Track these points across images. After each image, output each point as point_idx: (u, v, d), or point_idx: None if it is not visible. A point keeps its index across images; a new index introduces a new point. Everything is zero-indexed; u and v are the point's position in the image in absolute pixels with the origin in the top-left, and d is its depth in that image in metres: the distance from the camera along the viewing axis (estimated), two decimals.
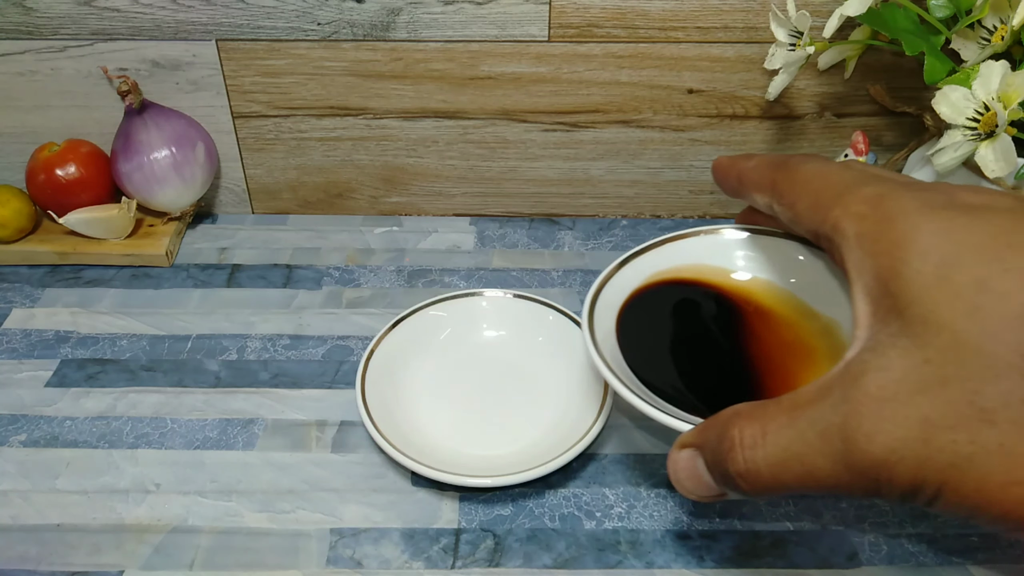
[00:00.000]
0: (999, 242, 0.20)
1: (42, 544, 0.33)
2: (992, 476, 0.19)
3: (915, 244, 0.21)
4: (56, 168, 0.48)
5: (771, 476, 0.22)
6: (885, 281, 0.22)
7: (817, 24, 0.45)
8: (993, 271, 0.20)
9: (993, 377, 0.19)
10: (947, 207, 0.22)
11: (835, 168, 0.26)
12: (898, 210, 0.22)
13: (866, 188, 0.24)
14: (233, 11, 0.46)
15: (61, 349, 0.43)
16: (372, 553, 0.33)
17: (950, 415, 0.19)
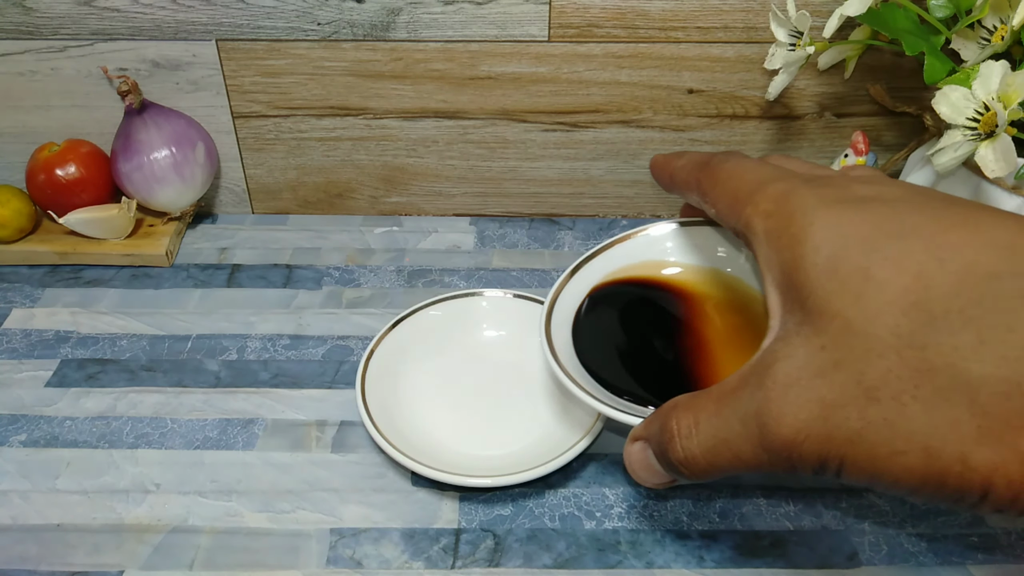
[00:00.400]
0: (880, 232, 0.22)
1: (42, 544, 0.33)
2: (880, 448, 0.20)
3: (810, 239, 0.23)
4: (56, 168, 0.48)
5: (706, 462, 0.24)
6: (789, 274, 0.23)
7: (817, 24, 0.45)
8: (874, 260, 0.21)
9: (876, 358, 0.20)
10: (840, 201, 0.23)
11: (750, 166, 0.28)
12: (797, 207, 0.24)
13: (773, 186, 0.26)
14: (233, 11, 0.46)
15: (61, 349, 0.43)
16: (372, 553, 0.33)
17: (842, 395, 0.21)
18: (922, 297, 0.20)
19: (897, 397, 0.20)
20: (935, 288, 0.20)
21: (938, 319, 0.20)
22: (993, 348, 0.19)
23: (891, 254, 0.21)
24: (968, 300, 0.20)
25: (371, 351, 0.40)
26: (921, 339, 0.20)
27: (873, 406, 0.20)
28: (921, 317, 0.20)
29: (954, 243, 0.21)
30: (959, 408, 0.19)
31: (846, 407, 0.21)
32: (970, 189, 0.39)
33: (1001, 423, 0.19)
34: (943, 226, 0.21)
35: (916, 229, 0.21)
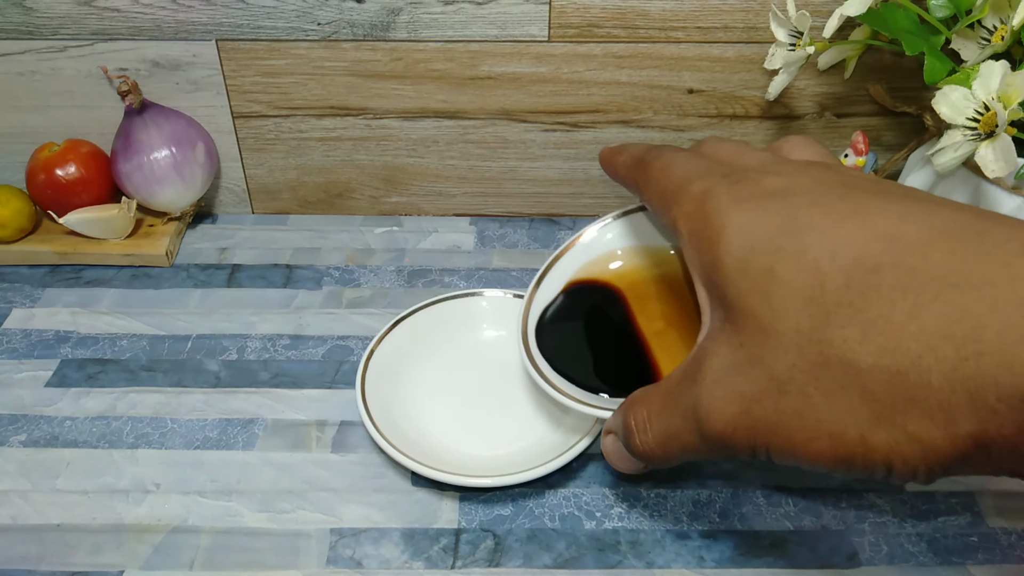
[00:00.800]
0: (782, 230, 0.23)
1: (42, 544, 0.33)
2: (795, 436, 0.22)
3: (723, 241, 0.24)
4: (56, 168, 0.48)
5: (662, 452, 0.27)
6: (709, 275, 0.25)
7: (817, 24, 0.45)
8: (777, 259, 0.22)
9: (782, 354, 0.22)
10: (750, 199, 0.24)
11: (678, 163, 0.29)
12: (712, 209, 0.25)
13: (694, 186, 0.26)
14: (233, 11, 0.46)
15: (61, 349, 0.43)
16: (372, 553, 0.33)
17: (758, 390, 0.23)
18: (817, 293, 0.21)
19: (802, 390, 0.22)
20: (828, 283, 0.21)
21: (831, 313, 0.21)
22: (875, 340, 0.20)
23: (791, 251, 0.22)
24: (855, 294, 0.21)
25: (371, 351, 0.40)
26: (818, 334, 0.21)
27: (784, 399, 0.22)
28: (817, 312, 0.21)
29: (844, 237, 0.22)
30: (853, 397, 0.21)
31: (762, 401, 0.23)
32: (970, 189, 0.39)
33: (889, 408, 0.20)
34: (835, 219, 0.22)
35: (812, 224, 0.22)
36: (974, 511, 0.35)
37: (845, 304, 0.21)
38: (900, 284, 0.20)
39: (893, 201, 0.22)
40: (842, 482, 0.36)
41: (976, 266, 0.19)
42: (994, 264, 0.19)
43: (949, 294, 0.19)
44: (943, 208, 0.22)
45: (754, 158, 0.28)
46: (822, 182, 0.24)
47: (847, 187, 0.23)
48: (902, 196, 0.23)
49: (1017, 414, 0.18)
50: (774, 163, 0.27)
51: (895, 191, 0.23)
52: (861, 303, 0.21)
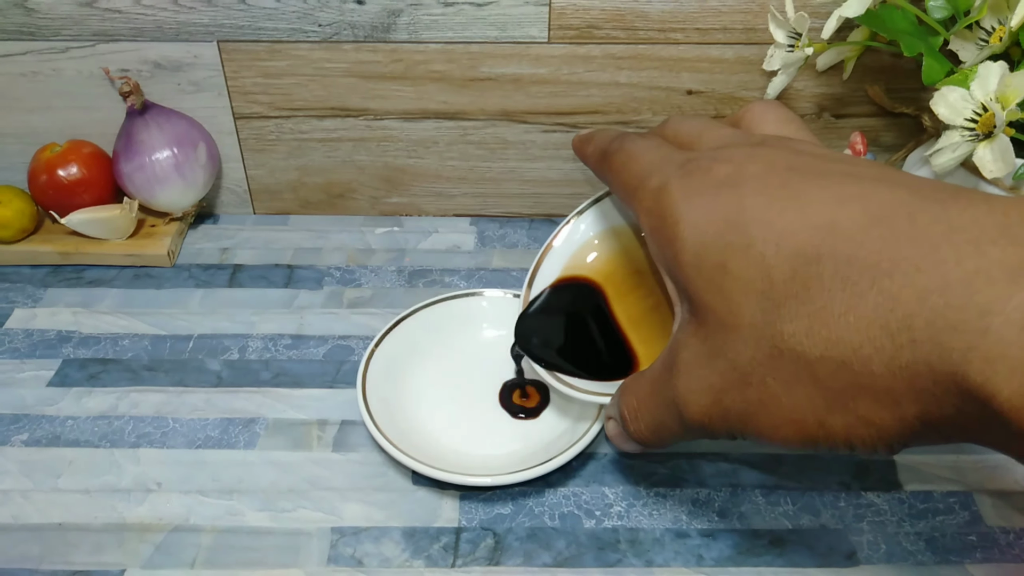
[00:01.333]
0: (731, 224, 0.23)
1: (44, 543, 0.34)
2: (763, 423, 0.23)
3: (679, 238, 0.24)
4: (58, 168, 0.48)
5: (655, 438, 0.28)
6: (671, 270, 0.25)
7: (815, 25, 0.45)
8: (727, 255, 0.23)
9: (741, 347, 0.23)
10: (701, 192, 0.24)
11: (637, 154, 0.29)
12: (668, 206, 0.25)
13: (651, 181, 0.27)
14: (234, 12, 0.46)
15: (63, 349, 0.43)
16: (373, 552, 0.33)
17: (725, 382, 0.23)
18: (767, 286, 0.22)
19: (763, 381, 0.22)
20: (775, 276, 0.22)
21: (780, 306, 0.21)
22: (820, 332, 0.21)
23: (739, 246, 0.23)
24: (800, 285, 0.21)
25: (372, 351, 0.40)
26: (770, 328, 0.22)
27: (749, 389, 0.23)
28: (769, 306, 0.22)
29: (785, 228, 0.22)
30: (808, 386, 0.21)
31: (730, 392, 0.23)
32: None
33: (841, 395, 0.21)
34: (777, 210, 0.22)
35: (757, 217, 0.23)
36: (972, 510, 0.35)
37: (792, 296, 0.21)
38: (839, 274, 0.20)
39: (833, 183, 0.22)
40: (840, 481, 0.36)
41: (906, 252, 0.19)
42: (922, 249, 0.19)
43: (883, 283, 0.19)
44: (880, 188, 0.22)
45: (712, 138, 0.28)
46: (769, 167, 0.24)
47: (791, 171, 0.23)
48: (844, 176, 0.23)
49: (954, 397, 0.18)
50: (729, 146, 0.27)
51: (838, 170, 0.23)
52: (805, 295, 0.21)
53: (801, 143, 0.26)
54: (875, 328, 0.19)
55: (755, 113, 0.29)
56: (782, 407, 0.22)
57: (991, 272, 0.18)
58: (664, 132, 0.31)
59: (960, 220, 0.19)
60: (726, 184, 0.24)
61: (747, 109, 0.30)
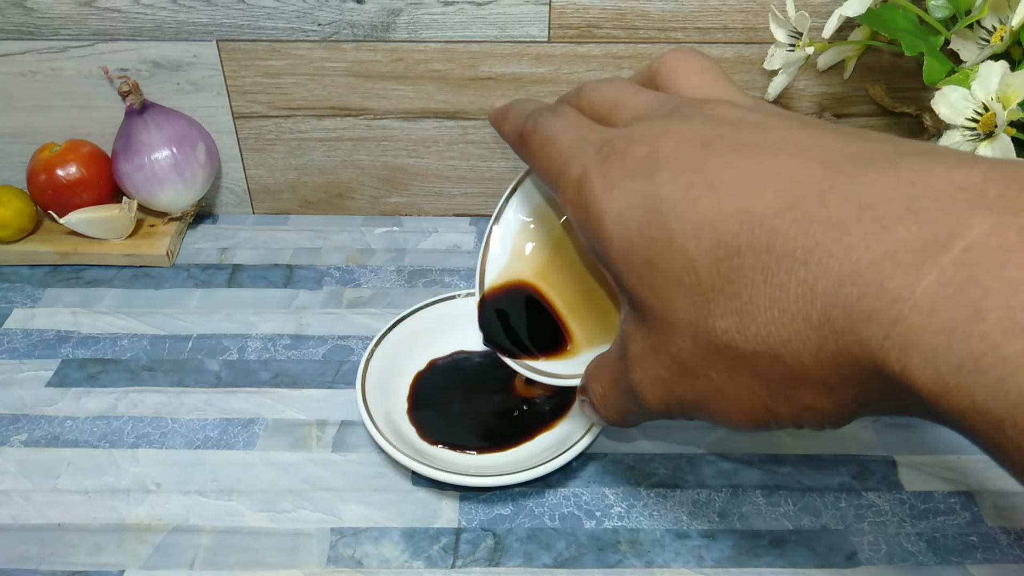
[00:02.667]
0: (651, 215, 0.22)
1: (43, 544, 0.33)
2: (716, 410, 0.23)
3: (604, 234, 0.24)
4: (57, 168, 0.48)
5: (624, 422, 0.28)
6: (603, 264, 0.25)
7: (816, 25, 0.45)
8: (652, 249, 0.22)
9: (681, 341, 0.22)
10: (620, 180, 0.24)
11: (552, 138, 0.27)
12: (590, 199, 0.24)
13: (571, 170, 0.26)
14: (234, 12, 0.46)
15: (62, 349, 0.43)
16: (372, 552, 0.33)
17: (674, 373, 0.23)
18: (694, 280, 0.21)
19: (706, 373, 0.22)
20: (700, 269, 0.21)
21: (710, 301, 0.21)
22: (749, 327, 0.20)
23: (662, 241, 0.22)
24: (725, 279, 0.21)
25: (371, 351, 0.40)
26: (704, 324, 0.22)
27: (696, 381, 0.23)
28: (699, 300, 0.21)
29: (704, 218, 0.21)
30: (748, 377, 0.21)
31: (680, 383, 0.23)
32: None
33: (781, 386, 0.21)
34: (693, 197, 0.22)
35: (675, 207, 0.22)
36: (973, 511, 0.35)
37: (718, 291, 0.21)
38: (760, 265, 0.20)
39: (748, 159, 0.21)
40: (841, 481, 0.36)
41: (819, 237, 0.19)
42: (833, 233, 0.19)
43: (799, 273, 0.19)
44: (793, 163, 0.21)
45: (628, 108, 0.26)
46: (683, 145, 0.23)
47: (706, 147, 0.22)
48: (757, 150, 0.22)
49: (880, 382, 0.18)
50: (643, 119, 0.25)
51: (753, 141, 0.22)
52: (731, 289, 0.21)
53: (717, 105, 0.25)
54: (799, 321, 0.19)
55: (669, 66, 0.28)
56: (727, 397, 0.22)
57: (898, 255, 0.17)
58: (580, 103, 0.29)
59: (868, 195, 0.18)
60: (642, 171, 0.23)
61: (662, 61, 0.28)
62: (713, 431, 0.39)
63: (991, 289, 0.16)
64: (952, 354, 0.16)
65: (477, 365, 0.41)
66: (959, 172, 0.18)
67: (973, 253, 0.16)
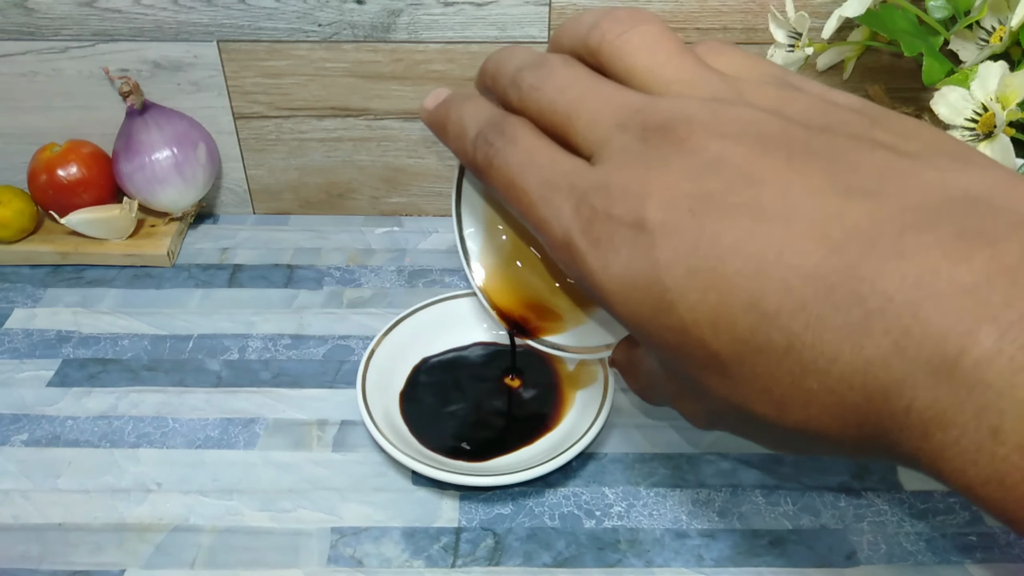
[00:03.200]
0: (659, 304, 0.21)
1: (44, 543, 0.34)
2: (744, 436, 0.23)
3: (613, 310, 0.22)
4: (58, 168, 0.48)
5: (650, 401, 0.28)
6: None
7: (816, 25, 0.45)
8: (669, 338, 0.21)
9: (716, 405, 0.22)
10: (615, 255, 0.21)
11: (518, 180, 0.24)
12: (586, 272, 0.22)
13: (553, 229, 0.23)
14: (234, 12, 0.46)
15: (63, 349, 0.43)
16: (373, 552, 0.33)
17: (708, 417, 0.24)
18: (720, 366, 0.21)
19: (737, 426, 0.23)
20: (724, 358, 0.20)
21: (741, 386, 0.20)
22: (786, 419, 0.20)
23: (676, 327, 0.20)
24: (751, 372, 0.20)
25: (372, 351, 0.40)
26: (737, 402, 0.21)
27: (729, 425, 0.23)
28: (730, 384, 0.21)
29: (715, 312, 0.19)
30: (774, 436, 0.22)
31: (716, 422, 0.24)
32: None
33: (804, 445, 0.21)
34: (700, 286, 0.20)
35: (683, 296, 0.20)
36: (973, 510, 0.35)
37: (748, 381, 0.20)
38: (785, 368, 0.19)
39: (744, 236, 0.19)
40: (841, 481, 0.36)
41: (837, 347, 0.18)
42: (849, 344, 0.17)
43: (827, 381, 0.18)
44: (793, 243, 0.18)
45: (586, 126, 0.23)
46: (672, 209, 0.20)
47: (696, 215, 0.20)
48: (752, 219, 0.19)
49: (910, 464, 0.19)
50: (613, 152, 0.22)
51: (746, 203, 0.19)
52: (762, 383, 0.20)
53: (692, 133, 0.21)
54: (836, 421, 0.19)
55: (611, 44, 0.23)
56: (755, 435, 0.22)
57: (916, 375, 0.17)
58: (525, 108, 0.24)
59: (875, 300, 0.17)
60: (636, 247, 0.21)
61: (600, 36, 0.24)
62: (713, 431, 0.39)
63: (1006, 411, 0.16)
64: (980, 470, 0.16)
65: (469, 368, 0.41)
66: (963, 270, 0.17)
67: (983, 371, 0.16)
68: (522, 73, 0.25)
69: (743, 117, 0.21)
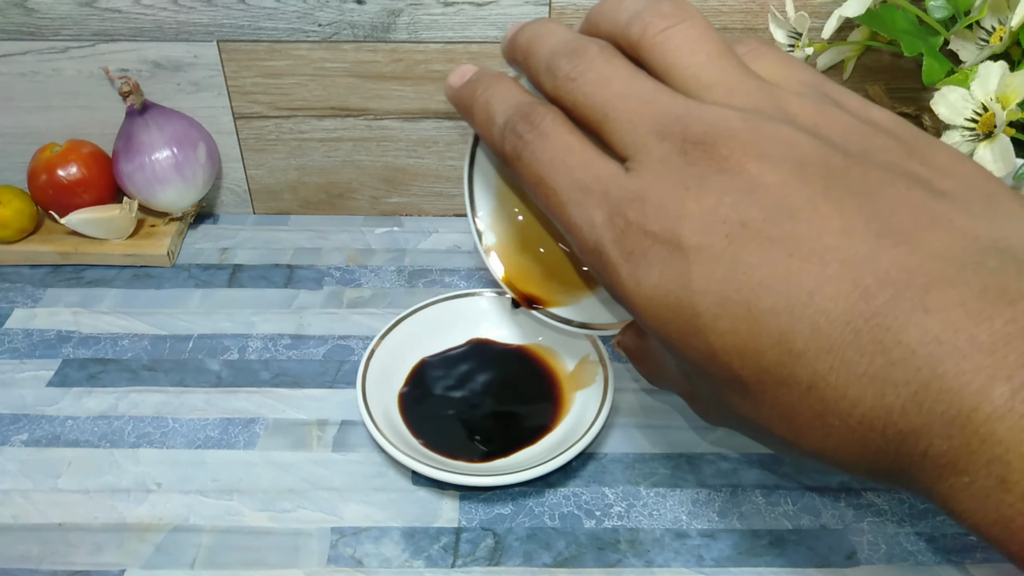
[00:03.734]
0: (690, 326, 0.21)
1: (44, 543, 0.34)
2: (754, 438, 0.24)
3: (642, 322, 0.23)
4: (58, 168, 0.48)
5: (655, 384, 0.29)
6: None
7: (816, 25, 0.45)
8: (696, 357, 0.22)
9: (733, 417, 0.23)
10: (647, 272, 0.22)
11: (548, 178, 0.23)
12: (616, 282, 0.23)
13: (585, 235, 0.23)
14: (234, 12, 0.46)
15: (63, 349, 0.43)
16: (373, 552, 0.33)
17: (725, 419, 0.24)
18: (743, 389, 0.21)
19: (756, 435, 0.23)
20: (748, 384, 0.21)
21: (762, 409, 0.21)
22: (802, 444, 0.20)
23: (704, 351, 0.21)
24: (773, 401, 0.20)
25: (372, 351, 0.40)
26: (757, 420, 0.21)
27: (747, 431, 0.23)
28: (751, 404, 0.21)
29: (743, 343, 0.20)
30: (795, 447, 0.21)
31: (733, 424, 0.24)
32: None
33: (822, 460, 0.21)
34: (731, 317, 0.20)
35: (713, 324, 0.20)
36: None
37: (769, 406, 0.20)
38: (807, 403, 0.20)
39: (779, 272, 0.19)
40: (841, 481, 0.36)
41: (860, 391, 0.18)
42: (872, 390, 0.18)
43: (849, 421, 0.19)
44: (825, 283, 0.19)
45: (623, 125, 0.22)
46: (708, 234, 0.20)
47: (733, 243, 0.20)
48: (787, 254, 0.19)
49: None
50: (650, 161, 0.21)
51: (782, 236, 0.19)
52: (782, 412, 0.20)
53: (733, 151, 0.20)
54: (853, 457, 0.20)
55: (653, 40, 0.23)
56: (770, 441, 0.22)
57: (933, 426, 0.18)
58: (560, 98, 0.24)
59: (897, 351, 0.18)
60: (669, 268, 0.21)
61: (642, 31, 0.23)
62: (712, 431, 0.39)
63: (1012, 464, 0.17)
64: (987, 514, 0.17)
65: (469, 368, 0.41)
66: (983, 329, 0.17)
67: (994, 426, 0.17)
68: (558, 59, 0.24)
69: (783, 136, 0.21)
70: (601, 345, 0.40)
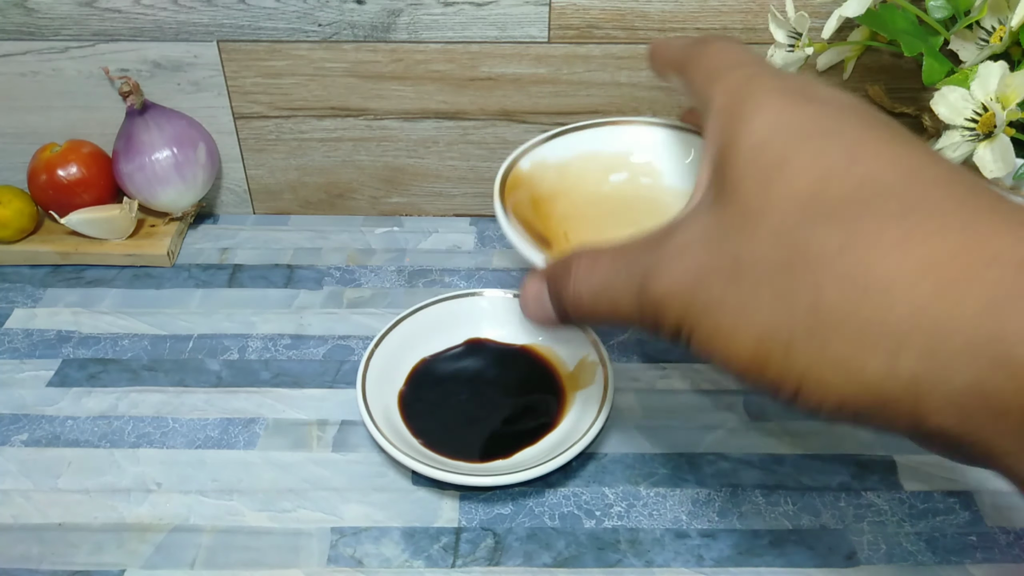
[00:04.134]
0: (813, 127, 0.22)
1: (44, 543, 0.34)
2: (724, 324, 0.21)
3: (750, 123, 0.23)
4: (58, 168, 0.48)
5: (590, 304, 0.26)
6: (723, 153, 0.23)
7: (816, 25, 0.45)
8: (793, 152, 0.21)
9: (756, 242, 0.21)
10: (794, 93, 0.23)
11: (736, 50, 0.27)
12: (755, 90, 0.24)
13: (744, 70, 0.25)
14: (234, 12, 0.46)
15: (63, 349, 0.43)
16: (373, 552, 0.33)
17: (715, 268, 0.22)
18: (819, 195, 0.21)
19: (756, 282, 0.21)
20: (833, 189, 0.20)
21: (819, 221, 0.20)
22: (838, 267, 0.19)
23: (811, 149, 0.21)
24: (852, 212, 0.20)
25: (372, 351, 0.40)
26: (797, 235, 0.20)
27: (734, 285, 0.21)
28: (808, 214, 0.20)
29: (867, 152, 0.21)
30: (796, 308, 0.20)
31: (712, 278, 0.22)
32: None
33: (824, 329, 0.19)
34: (868, 136, 0.21)
35: (842, 132, 0.22)
36: (973, 510, 0.35)
37: (836, 216, 0.20)
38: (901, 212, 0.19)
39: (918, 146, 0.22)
40: (841, 481, 0.36)
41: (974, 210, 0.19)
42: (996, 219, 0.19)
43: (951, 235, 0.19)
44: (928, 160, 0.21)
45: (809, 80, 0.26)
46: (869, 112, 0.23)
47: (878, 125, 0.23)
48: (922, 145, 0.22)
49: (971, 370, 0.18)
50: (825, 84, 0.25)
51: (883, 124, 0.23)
52: (852, 223, 0.20)
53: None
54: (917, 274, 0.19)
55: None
56: (754, 318, 0.21)
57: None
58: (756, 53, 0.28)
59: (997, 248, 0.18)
60: (824, 101, 0.23)
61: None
62: (712, 431, 0.39)
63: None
64: None
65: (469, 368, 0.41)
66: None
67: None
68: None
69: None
70: (601, 345, 0.40)
